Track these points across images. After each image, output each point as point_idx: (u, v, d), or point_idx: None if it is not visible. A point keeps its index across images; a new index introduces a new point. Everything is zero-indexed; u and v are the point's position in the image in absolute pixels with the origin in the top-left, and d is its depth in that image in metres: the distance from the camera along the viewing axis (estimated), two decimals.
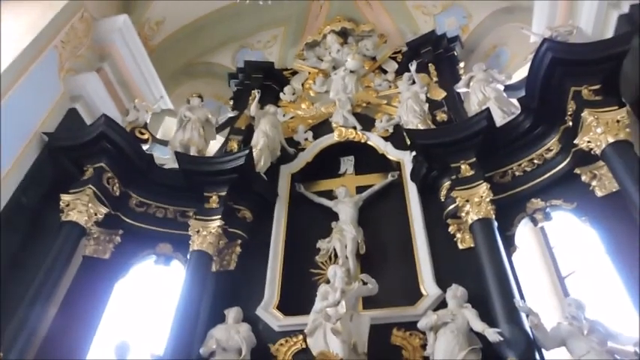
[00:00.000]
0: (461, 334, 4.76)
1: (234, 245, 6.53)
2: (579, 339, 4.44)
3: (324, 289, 5.34)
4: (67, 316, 5.73)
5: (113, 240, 6.50)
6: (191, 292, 5.72)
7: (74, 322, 5.70)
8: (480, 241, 5.45)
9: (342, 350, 4.63)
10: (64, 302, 5.85)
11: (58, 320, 5.68)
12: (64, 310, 5.78)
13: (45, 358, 5.25)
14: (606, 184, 5.38)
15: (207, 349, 5.21)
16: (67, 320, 5.69)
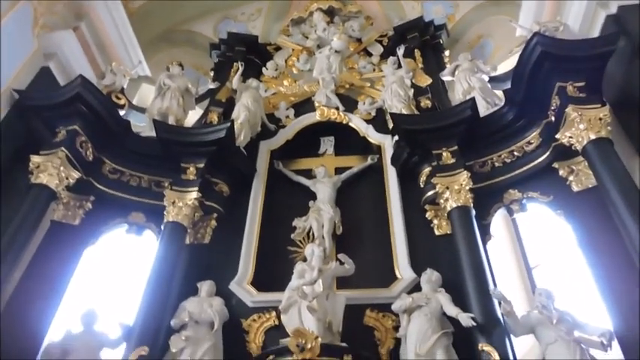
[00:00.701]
0: (434, 318, 4.84)
1: (209, 219, 6.43)
2: (548, 327, 4.57)
3: (301, 267, 5.33)
4: (33, 281, 5.57)
5: (84, 206, 6.31)
6: (164, 263, 5.63)
7: (39, 288, 5.53)
8: (458, 229, 5.53)
9: (317, 328, 4.63)
10: (30, 266, 5.67)
11: (22, 285, 5.51)
12: (29, 274, 5.62)
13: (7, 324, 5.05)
14: (583, 179, 5.53)
15: (178, 321, 5.13)
16: (32, 285, 5.53)
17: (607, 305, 4.72)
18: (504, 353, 4.47)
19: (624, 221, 4.49)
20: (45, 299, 5.49)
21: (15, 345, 4.95)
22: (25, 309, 5.31)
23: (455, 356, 4.66)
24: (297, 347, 4.30)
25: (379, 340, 5.14)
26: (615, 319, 4.61)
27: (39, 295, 5.47)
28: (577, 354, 4.30)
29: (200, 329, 5.09)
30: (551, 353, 4.43)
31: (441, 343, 4.65)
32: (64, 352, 4.94)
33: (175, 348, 4.92)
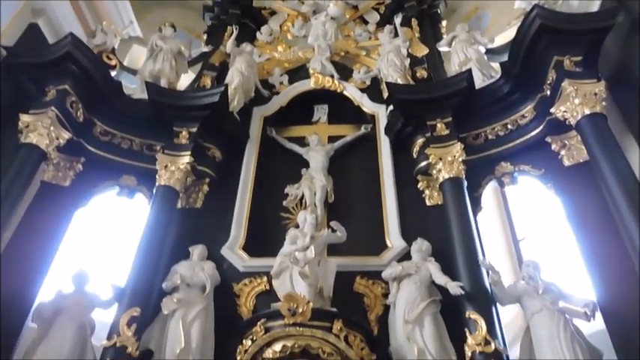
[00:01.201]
0: (423, 286, 4.92)
1: (201, 183, 6.40)
2: (534, 297, 4.67)
3: (294, 233, 5.36)
4: (23, 242, 5.55)
5: (74, 167, 6.26)
6: (155, 226, 5.62)
7: (30, 248, 5.52)
8: (449, 199, 5.59)
9: (308, 293, 4.68)
10: (20, 227, 5.65)
11: (12, 245, 5.49)
12: (19, 234, 5.59)
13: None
14: (574, 154, 5.59)
15: (170, 284, 5.16)
16: (23, 246, 5.52)
17: (592, 277, 4.84)
18: (490, 321, 4.57)
19: (614, 196, 4.56)
20: (35, 260, 5.48)
21: (5, 305, 4.95)
22: (16, 269, 5.28)
23: (442, 323, 4.76)
24: (288, 311, 4.35)
25: (368, 306, 5.22)
26: (599, 290, 4.74)
27: (29, 256, 5.46)
28: (561, 323, 4.41)
29: (192, 292, 5.13)
30: (535, 322, 4.54)
31: (429, 310, 4.75)
32: (56, 311, 4.97)
33: (167, 310, 4.97)
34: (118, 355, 4.59)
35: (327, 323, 4.41)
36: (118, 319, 4.83)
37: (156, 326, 4.97)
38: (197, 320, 4.90)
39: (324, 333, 4.32)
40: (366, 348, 4.53)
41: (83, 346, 4.87)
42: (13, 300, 5.07)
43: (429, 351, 4.45)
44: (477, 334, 4.44)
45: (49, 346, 4.71)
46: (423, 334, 4.56)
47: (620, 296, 4.58)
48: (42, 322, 4.93)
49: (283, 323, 4.36)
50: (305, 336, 4.29)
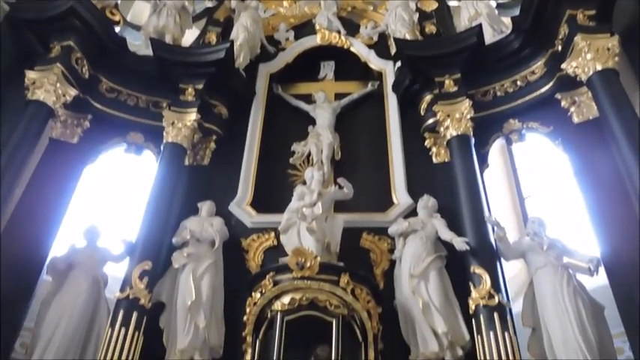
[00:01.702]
0: (429, 242, 5.00)
1: (208, 140, 6.42)
2: (538, 253, 4.74)
3: (301, 189, 5.40)
4: (34, 198, 5.62)
5: (82, 124, 6.27)
6: (164, 183, 5.68)
7: (41, 204, 5.59)
8: (456, 157, 5.60)
9: (315, 248, 4.77)
10: (30, 183, 5.71)
11: (24, 201, 5.56)
12: (30, 191, 5.66)
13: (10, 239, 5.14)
14: (584, 111, 5.54)
15: (180, 239, 5.25)
16: (34, 202, 5.59)
17: (596, 234, 4.89)
18: (494, 276, 4.65)
19: (623, 153, 4.54)
20: (47, 215, 5.56)
21: (20, 259, 5.06)
22: (28, 225, 5.38)
23: (447, 278, 4.86)
24: (296, 265, 4.44)
25: (374, 261, 5.31)
26: (603, 247, 4.79)
27: (41, 212, 5.54)
28: (564, 278, 4.49)
29: (201, 247, 5.22)
30: (539, 277, 4.63)
31: (435, 265, 4.84)
32: (69, 265, 5.10)
33: (177, 264, 5.09)
34: (131, 306, 4.72)
35: (335, 277, 4.50)
36: (130, 273, 4.95)
37: (167, 280, 5.10)
38: (207, 274, 5.01)
39: (331, 286, 4.41)
40: (372, 301, 4.65)
41: (97, 298, 5.02)
42: (28, 254, 5.19)
43: (433, 304, 4.56)
44: (481, 288, 4.54)
45: (65, 297, 4.86)
46: (428, 287, 4.67)
47: (624, 252, 4.63)
48: (56, 276, 5.07)
49: (291, 277, 4.45)
50: (313, 289, 4.38)
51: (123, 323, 4.63)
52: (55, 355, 4.56)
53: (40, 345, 4.64)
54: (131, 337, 4.58)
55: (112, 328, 4.62)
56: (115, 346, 4.50)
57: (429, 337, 4.44)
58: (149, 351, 4.68)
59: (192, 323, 4.72)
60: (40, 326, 4.79)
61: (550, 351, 4.29)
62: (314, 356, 4.28)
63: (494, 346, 4.23)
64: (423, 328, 4.48)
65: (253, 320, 4.48)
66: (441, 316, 4.48)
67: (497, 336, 4.26)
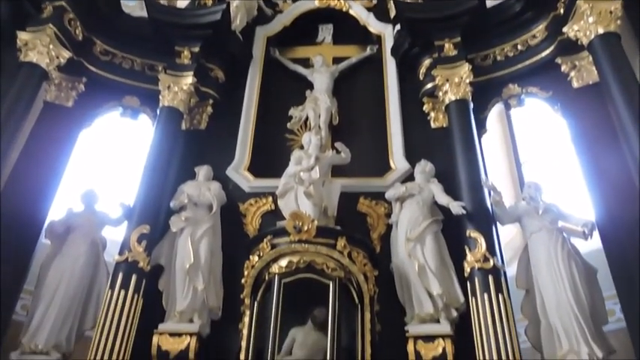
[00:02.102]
0: (425, 206, 5.02)
1: (205, 105, 6.36)
2: (534, 217, 4.78)
3: (299, 154, 5.39)
4: (30, 162, 5.59)
5: (76, 87, 6.20)
6: (161, 147, 5.64)
7: (37, 169, 5.57)
8: (454, 122, 5.56)
9: (313, 212, 4.80)
10: (26, 147, 5.67)
11: (20, 165, 5.53)
12: (26, 155, 5.63)
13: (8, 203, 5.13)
14: (584, 75, 5.49)
15: (178, 203, 5.26)
16: (30, 166, 5.56)
17: (592, 198, 4.92)
18: (490, 239, 4.69)
19: (622, 118, 4.52)
20: (44, 179, 5.54)
21: (18, 223, 5.06)
22: (25, 188, 5.37)
23: (443, 242, 4.91)
24: (294, 229, 4.47)
25: (371, 225, 5.35)
26: (598, 211, 4.83)
27: (37, 176, 5.52)
28: (559, 242, 4.54)
29: (199, 211, 5.23)
30: (534, 241, 4.68)
31: (431, 229, 4.87)
32: (67, 229, 5.13)
33: (176, 228, 5.11)
34: (130, 269, 4.77)
35: (332, 240, 4.53)
36: (128, 236, 4.97)
37: (165, 243, 5.13)
38: (205, 238, 5.03)
39: (328, 249, 4.45)
40: (368, 264, 4.70)
41: (96, 261, 5.08)
42: (25, 217, 5.19)
43: (429, 267, 4.61)
44: (477, 252, 4.59)
45: (64, 260, 4.92)
46: (424, 251, 4.71)
47: (619, 217, 4.66)
48: (55, 239, 5.11)
49: (289, 240, 4.48)
50: (310, 252, 4.42)
51: (122, 286, 4.68)
52: (56, 316, 4.64)
53: (41, 306, 4.71)
54: (131, 299, 4.63)
55: (111, 290, 4.67)
56: (115, 308, 4.56)
57: (424, 299, 4.51)
58: (149, 313, 4.74)
59: (191, 286, 4.77)
60: (40, 288, 4.86)
61: (543, 312, 4.37)
62: (311, 318, 4.34)
63: (488, 308, 4.30)
64: (419, 291, 4.55)
65: (251, 283, 4.52)
66: (436, 279, 4.54)
67: (491, 298, 4.33)
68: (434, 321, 4.46)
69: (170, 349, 4.46)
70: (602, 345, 4.09)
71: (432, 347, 4.27)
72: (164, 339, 4.51)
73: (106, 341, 4.40)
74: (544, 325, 4.34)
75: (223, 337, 4.74)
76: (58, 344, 4.58)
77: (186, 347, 4.45)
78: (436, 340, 4.29)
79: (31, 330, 4.61)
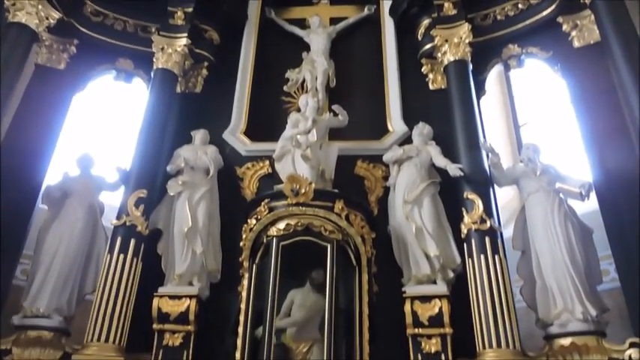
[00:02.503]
0: (423, 168, 5.01)
1: (200, 67, 6.26)
2: (531, 179, 4.77)
3: (295, 117, 5.33)
4: (23, 126, 5.54)
5: (68, 50, 6.09)
6: (156, 111, 5.59)
7: (31, 133, 5.53)
8: (453, 83, 5.50)
9: (310, 175, 4.77)
10: (19, 111, 5.63)
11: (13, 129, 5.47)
12: (19, 119, 5.57)
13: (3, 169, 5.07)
14: (586, 35, 5.40)
15: (174, 167, 5.23)
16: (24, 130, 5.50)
17: (590, 159, 4.91)
18: (487, 201, 4.71)
19: (622, 78, 4.47)
20: (38, 144, 5.51)
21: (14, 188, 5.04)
22: (20, 154, 5.32)
23: (440, 204, 4.91)
24: (291, 192, 4.45)
25: (369, 188, 5.34)
26: (596, 171, 4.82)
27: (32, 140, 5.48)
28: (555, 203, 4.54)
29: (196, 175, 5.21)
30: (531, 202, 4.68)
31: (428, 191, 4.86)
32: (64, 194, 5.10)
33: (173, 192, 5.09)
34: (128, 233, 4.80)
35: (329, 203, 4.53)
36: (125, 201, 4.98)
37: (163, 207, 5.13)
38: (202, 201, 5.03)
39: (326, 212, 4.44)
40: (366, 227, 4.71)
41: (94, 225, 5.08)
42: (22, 182, 5.17)
43: (426, 228, 4.63)
44: (474, 213, 4.61)
45: (62, 224, 4.91)
46: (421, 213, 4.71)
47: (616, 178, 4.66)
48: (52, 204, 5.09)
49: (286, 203, 4.47)
50: (308, 215, 4.41)
51: (121, 250, 4.72)
52: (56, 280, 4.68)
53: (41, 271, 4.74)
54: (130, 263, 4.68)
55: (110, 254, 4.71)
56: (115, 272, 4.61)
57: (421, 260, 4.54)
58: (148, 276, 4.78)
59: (190, 249, 4.79)
60: (39, 253, 4.87)
61: (538, 273, 4.41)
62: (309, 280, 4.39)
63: (484, 269, 4.36)
64: (416, 252, 4.58)
65: (249, 246, 4.54)
66: (433, 241, 4.56)
67: (487, 259, 4.38)
68: (431, 282, 4.49)
69: (170, 311, 4.51)
70: (596, 304, 4.15)
71: (429, 307, 4.32)
72: (164, 301, 4.56)
73: (107, 304, 4.47)
74: (539, 285, 4.39)
75: (223, 299, 4.79)
76: (59, 308, 4.63)
77: (186, 309, 4.51)
78: (433, 301, 4.33)
79: (31, 294, 4.65)
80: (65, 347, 4.46)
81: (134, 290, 4.62)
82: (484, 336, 4.15)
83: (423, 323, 4.28)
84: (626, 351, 3.92)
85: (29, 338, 4.44)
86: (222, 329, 4.54)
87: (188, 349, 4.45)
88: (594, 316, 4.05)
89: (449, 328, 4.25)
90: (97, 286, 4.65)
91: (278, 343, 4.08)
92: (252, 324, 4.17)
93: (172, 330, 4.49)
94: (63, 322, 4.63)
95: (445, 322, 4.25)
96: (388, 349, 4.31)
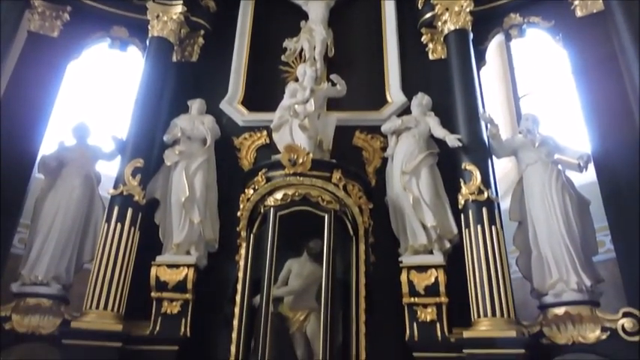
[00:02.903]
0: (422, 139, 4.98)
1: (196, 36, 6.15)
2: (530, 150, 4.75)
3: (293, 86, 5.27)
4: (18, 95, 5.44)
5: (61, 17, 5.95)
6: (152, 80, 5.51)
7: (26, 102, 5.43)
8: (453, 53, 5.42)
9: (308, 145, 4.74)
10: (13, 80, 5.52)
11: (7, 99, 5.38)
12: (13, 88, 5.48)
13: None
14: (588, 4, 5.30)
15: (171, 137, 5.19)
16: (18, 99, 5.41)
17: (589, 130, 4.88)
18: (485, 172, 4.69)
19: (625, 48, 4.41)
20: (33, 112, 5.42)
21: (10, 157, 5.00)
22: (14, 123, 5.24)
23: (438, 174, 4.90)
24: (289, 162, 4.43)
25: (367, 159, 5.31)
26: (595, 143, 4.80)
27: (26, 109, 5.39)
28: (553, 174, 4.53)
29: (193, 145, 5.17)
30: (529, 173, 4.66)
31: (427, 162, 4.84)
32: (60, 163, 5.06)
33: (170, 161, 5.07)
34: (125, 202, 4.78)
35: (327, 173, 4.52)
36: (122, 170, 4.95)
37: (160, 177, 5.11)
38: (200, 171, 5.01)
39: (323, 182, 4.44)
40: (363, 197, 4.72)
41: (91, 195, 5.06)
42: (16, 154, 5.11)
43: (423, 199, 4.62)
44: (471, 184, 4.60)
45: (59, 193, 4.90)
46: (419, 183, 4.70)
47: (615, 149, 4.64)
48: (48, 173, 5.05)
49: (284, 173, 4.46)
50: (305, 185, 4.40)
51: (118, 219, 4.71)
52: (54, 248, 4.68)
53: (39, 239, 4.75)
54: (127, 232, 4.68)
55: (107, 223, 4.71)
56: (112, 241, 4.61)
57: (418, 230, 4.56)
58: (146, 246, 4.79)
59: (187, 219, 4.79)
60: (36, 222, 4.87)
61: (534, 243, 4.43)
62: (307, 249, 4.40)
63: (480, 239, 4.37)
64: (413, 223, 4.59)
65: (247, 216, 4.54)
66: (430, 211, 4.57)
67: (484, 229, 4.39)
68: (427, 252, 4.51)
69: (168, 279, 4.54)
70: (591, 274, 4.18)
71: (425, 277, 4.35)
72: (162, 270, 4.58)
73: (105, 273, 4.48)
74: (535, 256, 4.40)
75: (220, 268, 4.81)
76: (58, 276, 4.65)
77: (184, 278, 4.53)
78: (429, 270, 4.36)
79: (29, 262, 4.66)
80: (64, 314, 4.49)
81: (132, 259, 4.63)
82: (479, 305, 4.19)
83: (419, 292, 4.32)
84: (618, 320, 3.96)
85: (28, 305, 4.47)
86: (219, 298, 4.57)
87: (186, 316, 4.50)
88: (589, 286, 4.09)
89: (444, 297, 4.29)
90: (94, 254, 4.65)
91: (275, 312, 4.12)
92: (250, 293, 4.20)
93: (170, 298, 4.53)
94: (61, 289, 4.66)
95: (441, 291, 4.29)
96: (384, 318, 4.35)
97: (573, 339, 4.02)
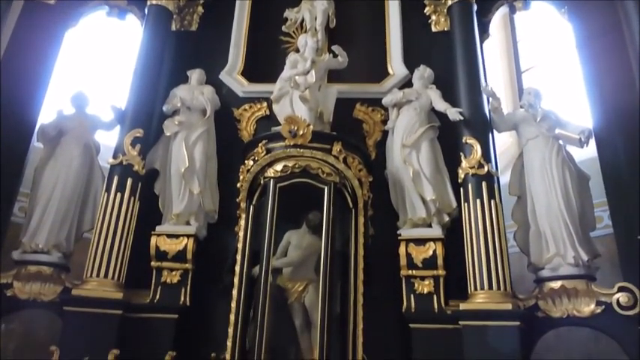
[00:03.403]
0: (423, 112, 4.94)
1: (195, 4, 6.03)
2: (531, 124, 4.71)
3: (294, 57, 5.20)
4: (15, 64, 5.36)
5: None
6: (150, 49, 5.44)
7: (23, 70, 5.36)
8: (456, 25, 5.33)
9: (308, 116, 4.70)
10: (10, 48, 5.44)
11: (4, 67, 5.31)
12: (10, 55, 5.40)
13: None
14: None
15: (170, 107, 5.16)
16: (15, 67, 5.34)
17: (591, 105, 4.85)
18: (486, 146, 4.67)
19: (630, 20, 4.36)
20: (31, 81, 5.35)
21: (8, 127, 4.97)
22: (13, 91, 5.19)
23: (439, 148, 4.87)
24: (289, 133, 4.40)
25: (367, 132, 5.28)
26: (596, 118, 4.78)
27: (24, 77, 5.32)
28: (554, 149, 4.50)
29: (192, 115, 5.14)
30: (529, 147, 4.64)
31: (427, 135, 4.82)
32: (59, 132, 5.04)
33: (169, 132, 5.04)
34: (125, 172, 4.78)
35: (327, 145, 4.48)
36: (121, 140, 4.94)
37: (159, 147, 5.10)
38: (199, 142, 4.99)
39: (323, 154, 4.40)
40: (363, 170, 4.69)
41: (91, 164, 5.06)
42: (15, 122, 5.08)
43: (423, 173, 4.62)
44: (472, 158, 4.59)
45: (58, 162, 4.89)
46: (419, 157, 4.69)
47: (616, 124, 4.63)
48: (47, 142, 5.03)
49: (284, 144, 4.42)
50: (305, 157, 4.37)
51: (118, 189, 4.71)
52: (54, 217, 4.70)
53: (39, 208, 4.75)
54: (127, 202, 4.68)
55: (107, 193, 4.71)
56: (112, 211, 4.62)
57: (417, 204, 4.57)
58: (146, 216, 4.81)
59: (187, 189, 4.80)
60: (36, 191, 4.87)
61: (533, 217, 4.44)
62: (306, 221, 4.40)
63: (479, 213, 4.37)
64: (412, 196, 4.59)
65: (247, 187, 4.53)
66: (430, 185, 4.57)
67: (483, 203, 4.39)
68: (426, 225, 4.53)
69: (168, 249, 4.57)
70: (588, 249, 4.20)
71: (423, 250, 4.38)
72: (162, 240, 4.61)
73: (105, 241, 4.50)
74: (533, 230, 4.42)
75: (220, 239, 4.84)
76: (58, 244, 4.68)
77: (183, 248, 4.57)
78: (427, 243, 4.39)
79: (30, 230, 4.69)
80: (65, 282, 4.54)
81: (132, 228, 4.65)
82: (476, 278, 4.22)
83: (416, 265, 4.36)
84: (614, 295, 4.00)
85: (29, 273, 4.51)
86: (219, 268, 4.59)
87: (186, 286, 4.55)
88: (585, 261, 4.11)
89: (442, 270, 4.33)
90: (94, 223, 4.67)
91: (274, 283, 4.16)
92: (249, 263, 4.22)
93: (170, 268, 4.57)
94: (62, 258, 4.69)
95: (439, 264, 4.33)
96: (382, 290, 4.39)
97: (568, 312, 4.07)
